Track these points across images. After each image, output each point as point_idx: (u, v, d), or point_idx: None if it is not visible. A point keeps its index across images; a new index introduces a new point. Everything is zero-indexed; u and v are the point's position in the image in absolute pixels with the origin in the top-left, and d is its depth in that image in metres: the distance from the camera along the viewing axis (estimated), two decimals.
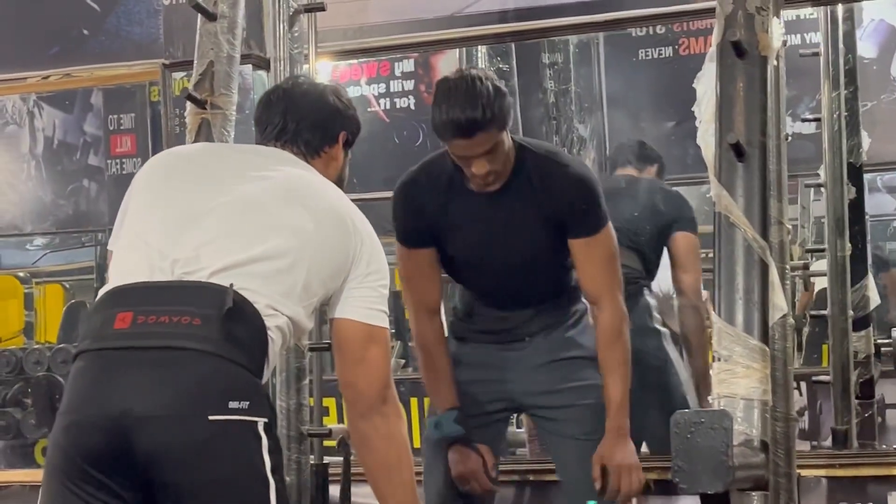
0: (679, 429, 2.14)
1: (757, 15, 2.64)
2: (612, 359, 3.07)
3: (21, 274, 10.53)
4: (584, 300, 3.22)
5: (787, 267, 3.06)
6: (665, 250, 4.22)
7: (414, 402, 7.04)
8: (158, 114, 7.29)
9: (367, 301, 2.44)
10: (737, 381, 2.41)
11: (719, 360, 2.45)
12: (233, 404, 2.18)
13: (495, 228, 3.06)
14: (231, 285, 2.23)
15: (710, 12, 2.70)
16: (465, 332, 3.28)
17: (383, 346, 2.45)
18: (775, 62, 2.78)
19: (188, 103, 3.21)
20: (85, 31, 4.51)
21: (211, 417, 2.16)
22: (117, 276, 2.35)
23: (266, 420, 2.24)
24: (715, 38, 2.67)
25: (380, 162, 6.00)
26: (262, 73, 4.13)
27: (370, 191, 5.14)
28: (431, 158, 3.14)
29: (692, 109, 2.81)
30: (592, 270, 3.06)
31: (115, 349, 2.22)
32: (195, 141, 3.19)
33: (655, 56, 6.23)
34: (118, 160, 7.72)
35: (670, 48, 6.18)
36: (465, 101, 2.84)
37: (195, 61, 3.25)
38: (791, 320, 3.07)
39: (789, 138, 3.44)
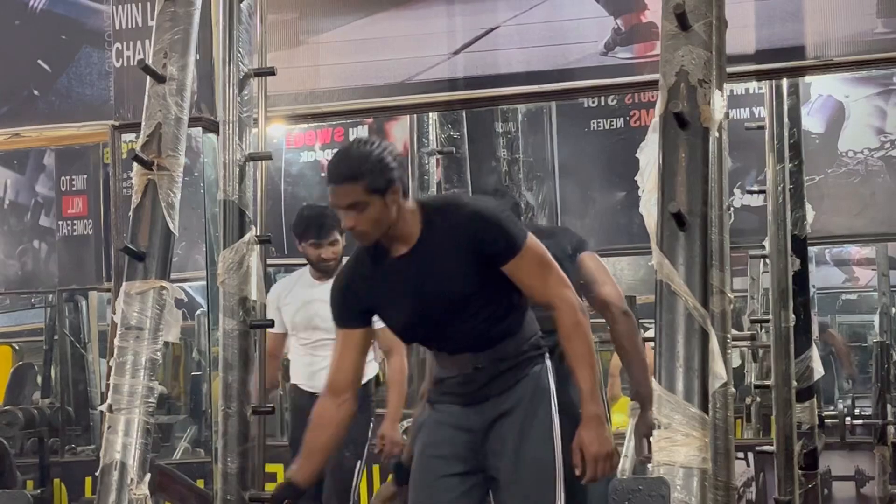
0: (617, 496, 2.14)
1: (699, 87, 2.68)
2: (574, 351, 3.16)
3: None
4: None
5: (729, 336, 3.08)
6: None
7: None
8: (110, 175, 7.30)
9: None
10: (676, 449, 2.42)
11: (659, 427, 2.46)
12: None
13: (421, 284, 3.19)
14: None
15: (656, 84, 2.74)
16: (435, 396, 3.39)
17: None
18: (717, 133, 2.82)
19: (135, 164, 3.20)
20: (35, 92, 4.51)
21: None
22: None
23: None
24: (658, 109, 2.71)
25: None
26: (212, 135, 4.14)
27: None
28: (358, 246, 3.32)
29: (635, 179, 2.84)
30: (531, 282, 3.18)
31: None
32: (141, 202, 3.18)
33: (607, 127, 6.30)
34: (69, 221, 7.67)
35: (622, 119, 6.25)
36: (343, 155, 3.16)
37: (143, 123, 3.25)
38: (732, 389, 3.09)
39: (731, 209, 3.48)
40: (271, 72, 3.70)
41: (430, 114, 4.98)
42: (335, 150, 3.33)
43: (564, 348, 3.19)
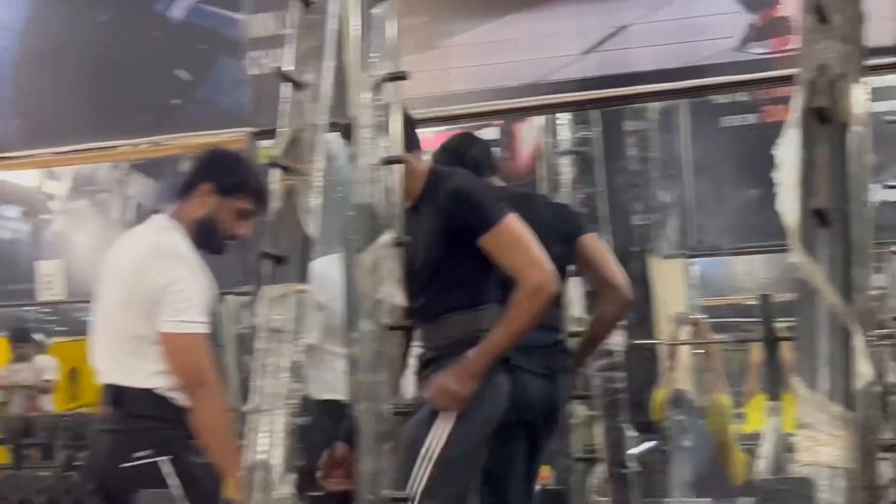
0: (761, 496, 2.12)
1: (839, 81, 2.64)
2: (509, 313, 3.33)
3: None
4: None
5: (871, 335, 3.01)
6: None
7: None
8: None
9: None
10: (820, 449, 2.38)
11: (802, 427, 2.42)
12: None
13: (414, 240, 3.47)
14: None
15: (791, 79, 2.70)
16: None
17: None
18: (859, 128, 2.77)
19: (275, 170, 3.25)
20: (175, 101, 4.61)
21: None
22: None
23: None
24: (797, 105, 2.67)
25: None
26: (345, 140, 4.19)
27: None
28: None
29: (770, 176, 2.80)
30: (502, 258, 3.37)
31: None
32: (282, 208, 3.23)
33: (738, 123, 6.22)
34: None
35: (753, 115, 6.16)
36: None
37: (282, 129, 3.30)
38: (878, 388, 3.02)
39: (874, 204, 3.41)
40: (404, 76, 3.73)
41: (562, 113, 4.96)
42: None
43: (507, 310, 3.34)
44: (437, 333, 3.57)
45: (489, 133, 7.56)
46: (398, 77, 3.73)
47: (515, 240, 3.39)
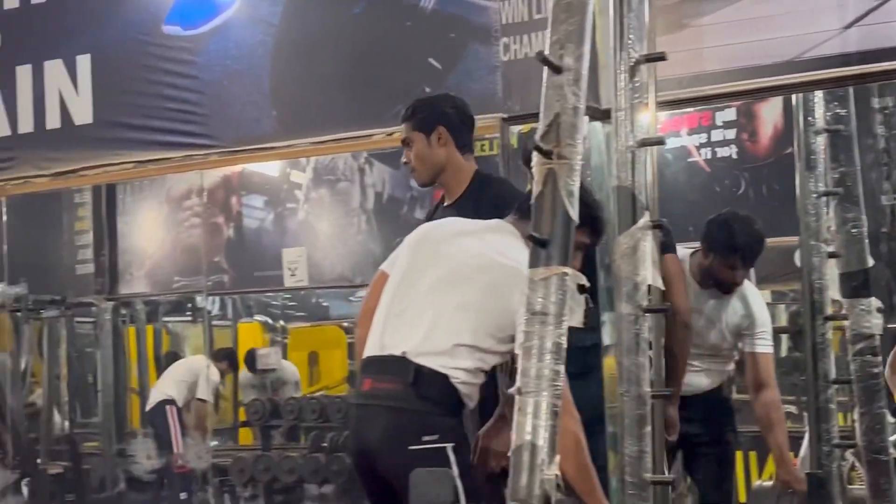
0: None
1: None
2: None
3: (345, 324, 11.01)
4: None
5: None
6: None
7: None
8: (485, 167, 7.49)
9: None
10: None
11: None
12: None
13: None
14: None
15: None
16: None
17: None
18: None
19: (534, 155, 3.27)
20: (427, 89, 4.68)
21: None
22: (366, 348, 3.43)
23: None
24: None
25: (700, 211, 5.95)
26: (597, 123, 4.18)
27: (686, 240, 5.11)
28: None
29: None
30: None
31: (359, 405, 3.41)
32: (541, 192, 3.24)
33: None
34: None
35: None
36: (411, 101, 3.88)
37: (541, 113, 3.31)
38: None
39: None
40: (661, 57, 3.71)
41: (816, 92, 4.83)
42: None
43: None
44: None
45: (727, 115, 7.44)
46: (656, 58, 3.72)
47: None
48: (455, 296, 3.34)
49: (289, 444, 8.99)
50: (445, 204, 3.77)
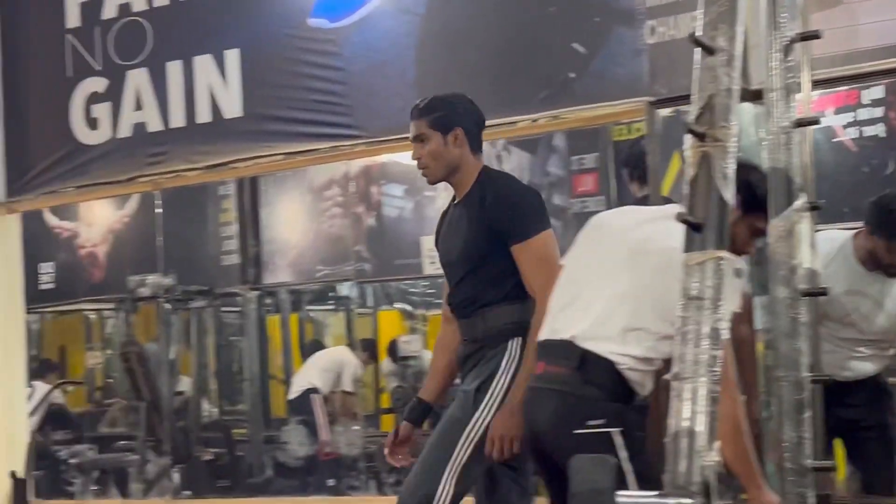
0: None
1: None
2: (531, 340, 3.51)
3: None
4: None
5: None
6: None
7: None
8: (620, 153, 7.44)
9: None
10: None
11: None
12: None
13: (453, 233, 3.74)
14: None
15: None
16: None
17: None
18: None
19: (687, 137, 3.24)
20: (571, 75, 4.67)
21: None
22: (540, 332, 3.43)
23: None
24: None
25: (846, 192, 5.83)
26: (746, 104, 4.11)
27: (837, 221, 5.01)
28: None
29: None
30: (526, 272, 3.60)
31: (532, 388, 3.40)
32: (696, 175, 3.21)
33: None
34: (581, 199, 7.93)
35: None
36: (425, 98, 3.79)
37: (694, 95, 3.27)
38: None
39: None
40: (816, 35, 3.64)
41: None
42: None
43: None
44: (475, 327, 3.72)
45: (874, 93, 7.25)
46: (810, 36, 3.65)
47: (542, 259, 3.58)
48: (625, 280, 3.33)
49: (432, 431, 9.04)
50: (456, 202, 3.77)
